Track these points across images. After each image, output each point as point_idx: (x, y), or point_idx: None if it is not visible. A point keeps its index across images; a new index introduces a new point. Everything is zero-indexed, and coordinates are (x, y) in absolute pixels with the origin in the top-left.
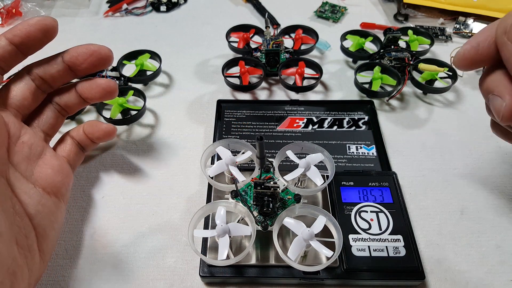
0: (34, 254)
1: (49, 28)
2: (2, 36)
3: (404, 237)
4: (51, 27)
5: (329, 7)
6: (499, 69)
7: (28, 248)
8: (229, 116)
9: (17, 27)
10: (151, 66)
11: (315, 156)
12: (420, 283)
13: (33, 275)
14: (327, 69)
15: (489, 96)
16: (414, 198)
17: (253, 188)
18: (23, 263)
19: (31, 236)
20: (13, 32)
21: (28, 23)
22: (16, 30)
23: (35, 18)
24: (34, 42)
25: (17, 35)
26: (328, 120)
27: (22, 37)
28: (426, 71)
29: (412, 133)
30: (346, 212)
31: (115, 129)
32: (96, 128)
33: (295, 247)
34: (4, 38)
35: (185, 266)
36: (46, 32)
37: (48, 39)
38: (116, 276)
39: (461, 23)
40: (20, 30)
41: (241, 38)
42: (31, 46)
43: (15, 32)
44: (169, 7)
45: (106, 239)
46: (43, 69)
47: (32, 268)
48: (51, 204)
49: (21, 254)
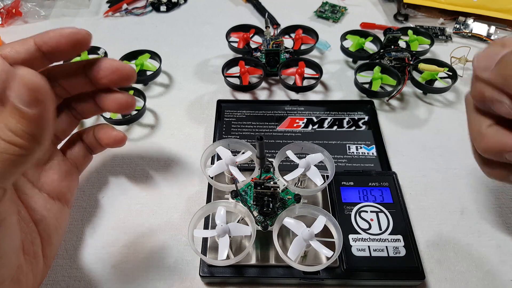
0: (39, 260)
1: (81, 42)
2: (31, 39)
3: (404, 237)
4: (83, 41)
5: (329, 7)
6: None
7: (34, 254)
8: (229, 116)
9: (48, 34)
10: (151, 66)
11: (315, 156)
12: (420, 283)
13: (37, 280)
14: (327, 69)
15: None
16: (414, 198)
17: (253, 188)
18: (28, 270)
19: (36, 242)
20: (43, 38)
21: (60, 33)
22: (47, 37)
23: (68, 29)
24: (63, 54)
25: (47, 43)
26: (328, 120)
27: (52, 46)
28: (426, 71)
29: (412, 133)
30: (346, 212)
31: (125, 137)
32: (107, 134)
33: (295, 247)
34: (33, 42)
35: (185, 266)
36: (77, 45)
37: (78, 52)
38: (116, 276)
39: (461, 23)
40: (50, 38)
41: (241, 38)
42: (59, 56)
43: (45, 39)
44: (169, 7)
45: (106, 239)
46: (64, 76)
47: (36, 274)
48: (56, 209)
49: (27, 261)
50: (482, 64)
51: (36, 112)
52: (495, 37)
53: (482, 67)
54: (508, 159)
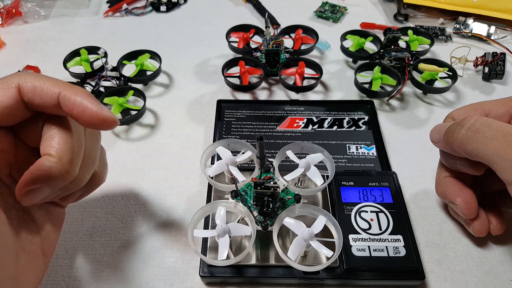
0: (39, 258)
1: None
2: (57, 90)
3: (404, 237)
4: (110, 123)
5: (329, 7)
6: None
7: (34, 253)
8: (229, 116)
9: (82, 105)
10: (151, 66)
11: (315, 156)
12: (420, 283)
13: (38, 277)
14: (327, 69)
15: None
16: (414, 198)
17: (253, 188)
18: (29, 269)
19: (36, 241)
20: (71, 102)
21: (95, 113)
22: (76, 104)
23: (103, 112)
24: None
25: (72, 112)
26: (328, 120)
27: (71, 114)
28: (426, 71)
29: (412, 133)
30: (346, 212)
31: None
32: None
33: (295, 247)
34: (57, 96)
35: (185, 266)
36: (102, 127)
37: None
38: (116, 276)
39: (461, 23)
40: (80, 116)
41: (241, 38)
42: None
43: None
44: (169, 7)
45: (106, 239)
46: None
47: (37, 271)
48: (53, 208)
49: (27, 260)
50: (435, 138)
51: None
52: (495, 37)
53: (435, 140)
54: (451, 206)
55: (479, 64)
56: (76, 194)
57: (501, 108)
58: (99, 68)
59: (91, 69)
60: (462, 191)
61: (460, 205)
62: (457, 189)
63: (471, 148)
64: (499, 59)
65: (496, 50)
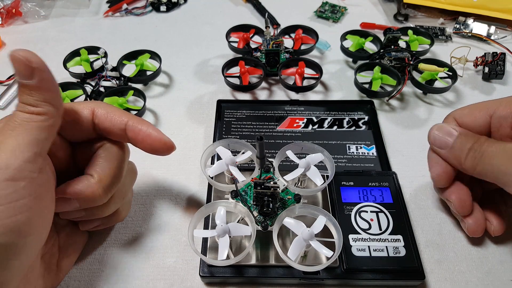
0: (52, 269)
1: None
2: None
3: (404, 237)
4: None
5: (329, 7)
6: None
7: (49, 263)
8: (229, 116)
9: (149, 136)
10: (151, 66)
11: (315, 156)
12: (420, 283)
13: (45, 286)
14: (327, 69)
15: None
16: (414, 198)
17: (253, 188)
18: (40, 275)
19: (54, 254)
20: (141, 134)
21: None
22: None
23: (167, 140)
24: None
25: (140, 143)
26: (328, 120)
27: (137, 142)
28: (426, 71)
29: (412, 133)
30: (346, 212)
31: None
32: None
33: (295, 247)
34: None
35: (185, 266)
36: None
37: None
38: (116, 276)
39: (461, 23)
40: (140, 137)
41: (241, 38)
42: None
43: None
44: (169, 7)
45: (106, 239)
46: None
47: (47, 282)
48: (77, 229)
49: (42, 267)
50: (438, 144)
51: (37, 80)
52: (495, 37)
53: (438, 146)
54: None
55: (479, 64)
56: (96, 222)
57: (505, 110)
58: (99, 68)
59: (91, 69)
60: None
61: (454, 202)
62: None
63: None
64: (499, 59)
65: (496, 50)
